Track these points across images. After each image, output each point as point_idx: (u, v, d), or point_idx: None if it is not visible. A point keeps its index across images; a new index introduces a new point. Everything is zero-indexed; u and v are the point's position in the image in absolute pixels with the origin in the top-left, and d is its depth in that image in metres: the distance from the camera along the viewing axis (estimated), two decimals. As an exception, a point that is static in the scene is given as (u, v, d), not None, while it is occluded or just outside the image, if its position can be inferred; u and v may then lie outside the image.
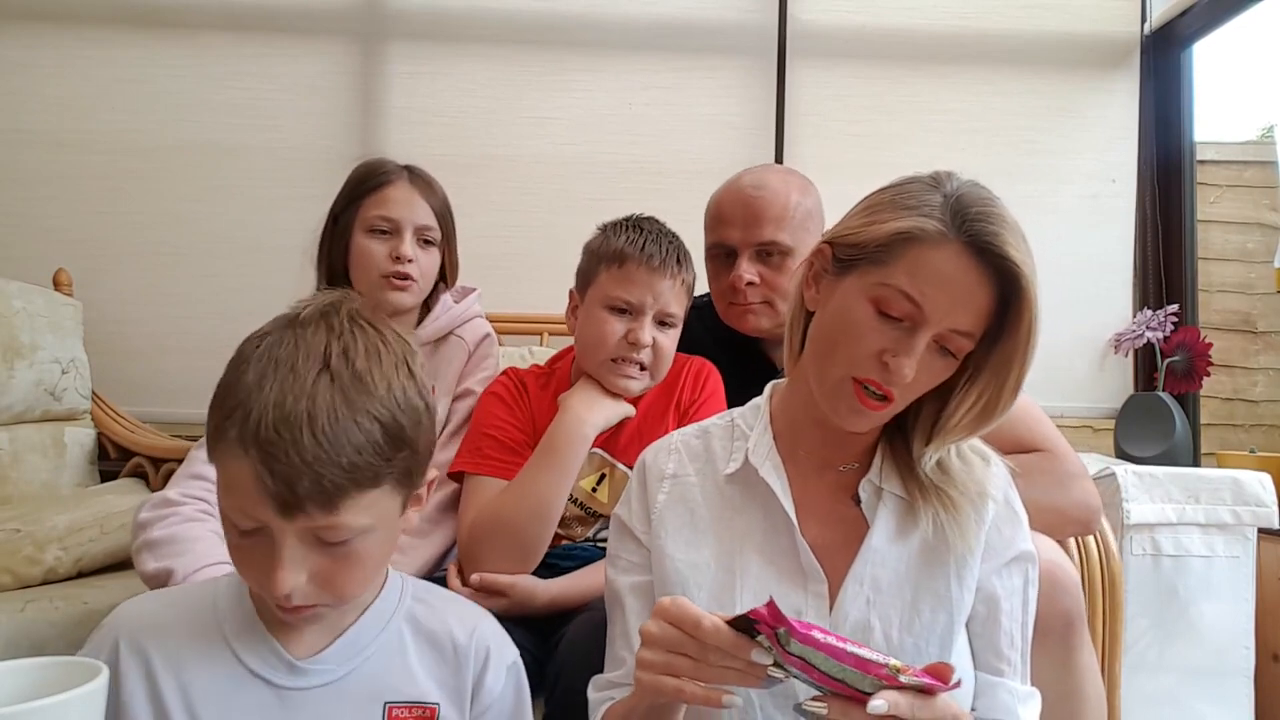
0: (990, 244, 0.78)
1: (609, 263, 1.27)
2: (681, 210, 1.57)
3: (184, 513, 1.24)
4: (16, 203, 2.20)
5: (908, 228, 0.80)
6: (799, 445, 0.92)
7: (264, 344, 0.74)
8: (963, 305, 0.80)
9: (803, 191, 1.42)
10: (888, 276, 0.81)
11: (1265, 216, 2.93)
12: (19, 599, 1.39)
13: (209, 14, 2.26)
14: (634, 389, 1.29)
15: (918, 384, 0.83)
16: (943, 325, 0.80)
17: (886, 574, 0.85)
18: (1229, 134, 3.34)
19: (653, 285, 1.25)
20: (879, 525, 0.87)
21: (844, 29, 2.36)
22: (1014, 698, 0.85)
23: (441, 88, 2.30)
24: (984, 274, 0.79)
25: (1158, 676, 1.85)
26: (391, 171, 1.42)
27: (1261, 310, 2.91)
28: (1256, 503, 1.86)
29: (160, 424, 2.10)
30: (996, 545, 0.87)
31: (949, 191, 0.82)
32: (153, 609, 0.82)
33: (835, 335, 0.84)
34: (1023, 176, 2.35)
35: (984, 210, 0.80)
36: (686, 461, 0.95)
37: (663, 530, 0.91)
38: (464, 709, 0.83)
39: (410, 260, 1.38)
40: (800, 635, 0.64)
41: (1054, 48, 2.38)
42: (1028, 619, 0.89)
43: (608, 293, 1.27)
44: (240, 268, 2.22)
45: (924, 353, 0.81)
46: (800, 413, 0.92)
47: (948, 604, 0.84)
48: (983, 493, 0.88)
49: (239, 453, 0.69)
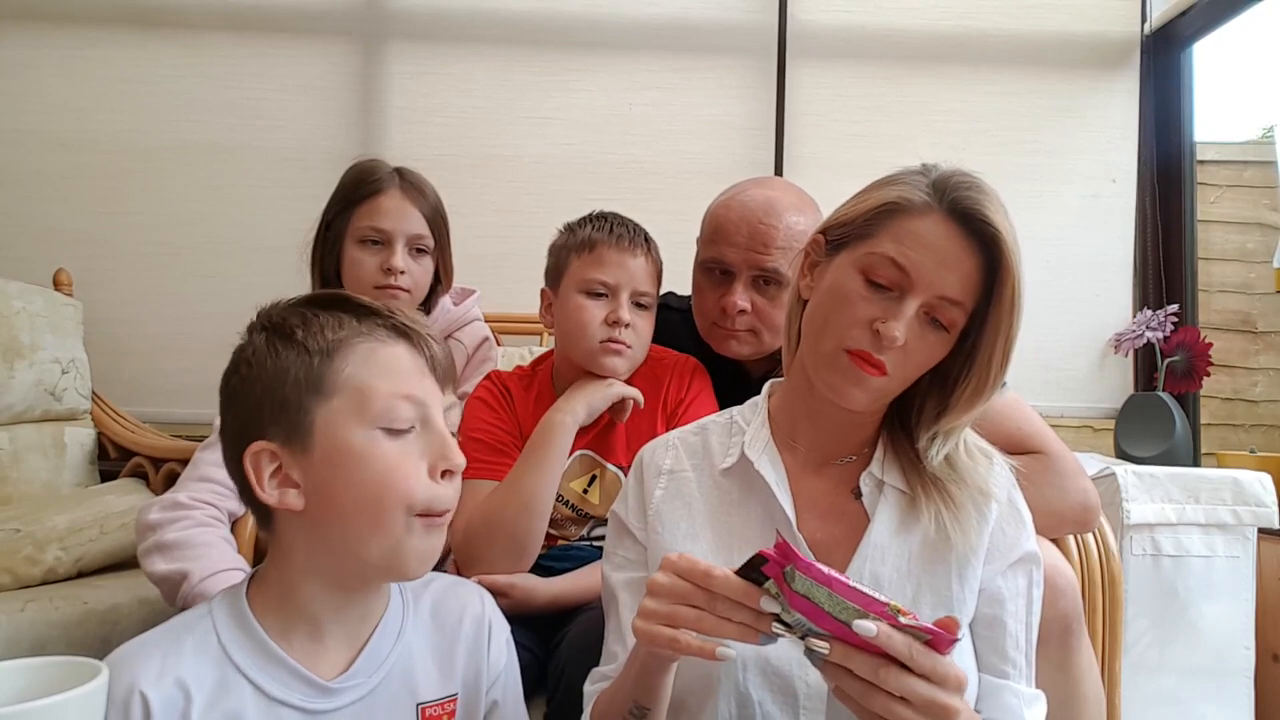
0: (972, 210, 0.81)
1: (579, 250, 1.30)
2: (681, 210, 1.57)
3: (196, 517, 1.24)
4: (16, 203, 2.21)
5: (893, 198, 0.84)
6: (797, 439, 0.92)
7: None
8: (948, 270, 0.81)
9: (812, 221, 1.34)
10: (874, 246, 0.83)
11: (1265, 216, 2.93)
12: (19, 599, 1.39)
13: (209, 14, 2.26)
14: (622, 368, 1.29)
15: (912, 359, 0.83)
16: (930, 292, 0.82)
17: (887, 569, 0.85)
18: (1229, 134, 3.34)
19: (625, 264, 1.28)
20: (879, 519, 0.87)
21: (844, 29, 2.36)
22: (1020, 700, 0.85)
23: (441, 88, 2.30)
24: (968, 241, 0.82)
25: (1158, 676, 1.85)
26: (383, 179, 1.41)
27: (1261, 310, 2.91)
28: (1256, 503, 1.86)
29: (160, 424, 2.10)
30: (1001, 546, 0.87)
31: (933, 169, 0.86)
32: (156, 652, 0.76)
33: (827, 310, 0.86)
34: (1023, 176, 2.35)
35: (965, 180, 0.83)
36: (684, 457, 0.95)
37: (660, 525, 0.91)
38: (480, 688, 0.84)
39: (402, 272, 1.38)
40: (804, 567, 0.64)
41: (1054, 48, 2.38)
42: (1033, 620, 0.88)
43: (583, 277, 1.28)
44: (240, 268, 2.22)
45: (915, 324, 0.82)
46: (798, 405, 0.92)
47: (948, 603, 0.84)
48: (985, 491, 0.87)
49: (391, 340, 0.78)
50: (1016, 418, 1.18)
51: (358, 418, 0.74)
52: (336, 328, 0.76)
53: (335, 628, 0.79)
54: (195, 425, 2.11)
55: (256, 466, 0.74)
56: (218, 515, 1.27)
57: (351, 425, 0.74)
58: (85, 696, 0.68)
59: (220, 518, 1.27)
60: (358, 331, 0.76)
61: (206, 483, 1.29)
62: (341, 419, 0.74)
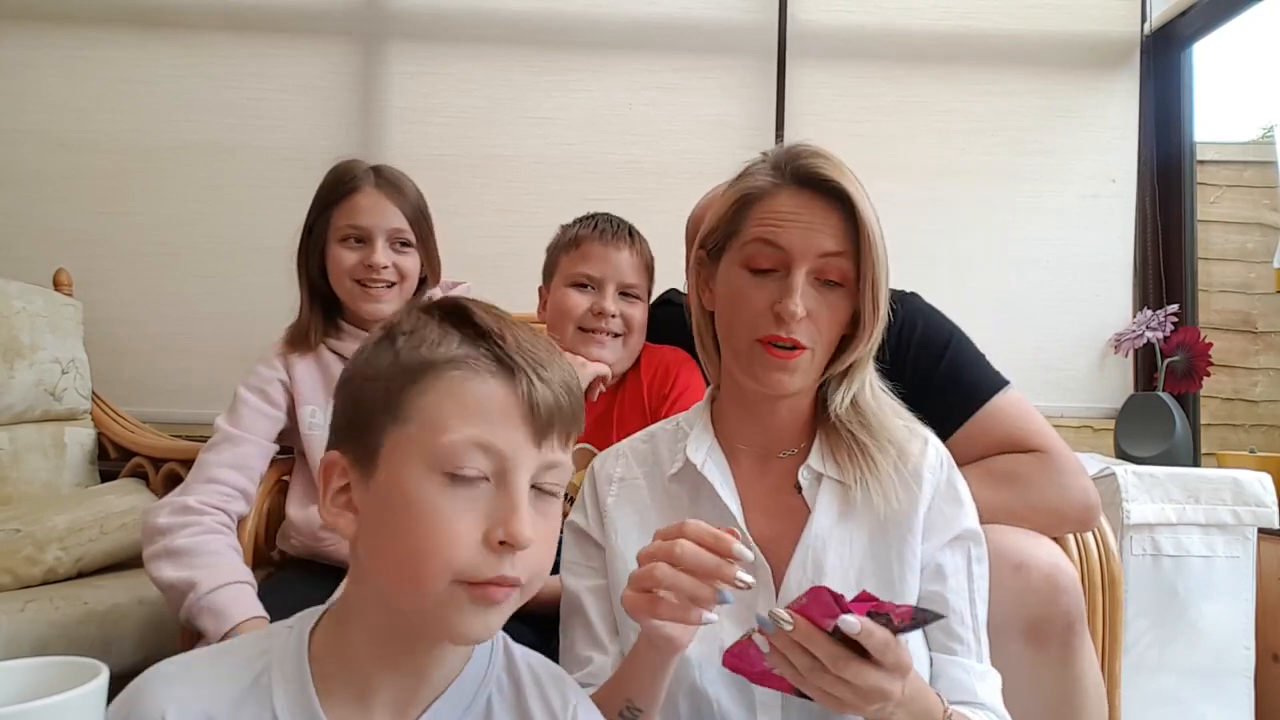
0: (815, 172, 0.87)
1: (567, 248, 1.39)
2: (681, 210, 1.57)
3: (205, 523, 1.24)
4: (16, 203, 2.20)
5: (744, 189, 0.90)
6: (738, 439, 0.95)
7: None
8: (817, 231, 0.86)
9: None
10: (745, 237, 0.89)
11: (1265, 216, 2.93)
12: (19, 599, 1.39)
13: (209, 14, 2.26)
14: (607, 357, 1.34)
15: (822, 325, 0.87)
16: (810, 255, 0.86)
17: (830, 558, 0.87)
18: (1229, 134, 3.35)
19: (609, 257, 1.35)
20: (819, 511, 0.89)
21: (844, 29, 2.36)
22: (970, 675, 0.86)
23: (441, 88, 2.30)
24: (823, 200, 0.87)
25: (1158, 676, 1.85)
26: (358, 177, 1.41)
27: (1261, 310, 2.91)
28: (1256, 503, 1.86)
29: (160, 424, 2.09)
30: (938, 524, 0.89)
31: (769, 154, 0.92)
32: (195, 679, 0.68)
33: (729, 311, 0.90)
34: (1023, 176, 2.35)
35: (800, 150, 0.89)
36: (634, 465, 0.97)
37: (613, 531, 0.93)
38: None
39: (385, 267, 1.38)
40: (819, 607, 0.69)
41: (1054, 48, 2.38)
42: (976, 597, 0.89)
43: (570, 272, 1.37)
44: (240, 268, 2.22)
45: (811, 292, 0.86)
46: (731, 405, 0.95)
47: (890, 584, 0.86)
48: (903, 452, 0.90)
49: (489, 371, 0.64)
50: (1017, 416, 1.19)
51: (423, 454, 0.63)
52: (435, 344, 0.65)
53: (385, 692, 0.67)
54: (195, 425, 2.11)
55: (326, 478, 0.67)
56: (226, 522, 1.27)
57: (415, 460, 0.63)
58: (85, 696, 0.68)
59: (229, 524, 1.27)
60: (455, 354, 0.65)
61: (214, 484, 1.29)
62: (407, 451, 0.63)
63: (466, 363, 0.65)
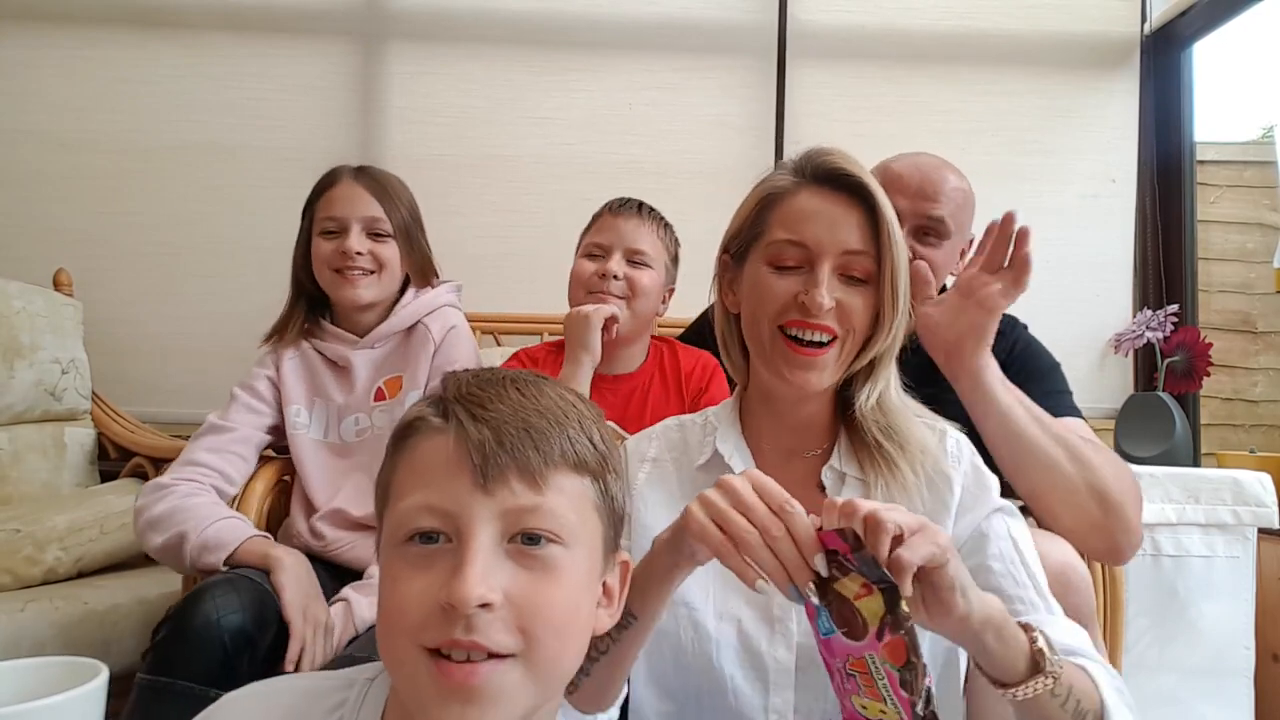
0: (835, 170, 0.88)
1: (588, 227, 1.49)
2: (681, 210, 1.57)
3: (180, 490, 1.29)
4: (16, 203, 2.20)
5: (766, 191, 0.92)
6: (763, 438, 0.95)
7: None
8: (839, 228, 0.87)
9: (968, 190, 1.43)
10: (769, 237, 0.90)
11: (1265, 216, 2.93)
12: (19, 599, 1.40)
13: (209, 14, 2.26)
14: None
15: (849, 318, 0.87)
16: (834, 252, 0.87)
17: None
18: (1229, 134, 3.35)
19: (618, 227, 1.43)
20: None
21: (844, 29, 2.36)
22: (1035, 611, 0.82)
23: (441, 88, 2.30)
24: (844, 197, 0.88)
25: (1158, 676, 1.85)
26: (337, 172, 1.46)
27: (1261, 310, 2.91)
28: (1256, 503, 1.86)
29: (160, 424, 2.10)
30: (968, 503, 0.88)
31: (792, 157, 0.94)
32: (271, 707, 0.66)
33: (754, 307, 0.91)
34: (1023, 176, 2.35)
35: (819, 150, 0.91)
36: (665, 449, 0.98)
37: (642, 504, 0.94)
38: None
39: (359, 253, 1.40)
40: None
41: (1054, 48, 2.38)
42: (1026, 557, 0.86)
43: (586, 244, 1.46)
44: (240, 268, 2.22)
45: (836, 285, 0.87)
46: (757, 404, 0.96)
47: None
48: (926, 451, 0.89)
49: (434, 428, 0.60)
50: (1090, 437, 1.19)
51: (389, 527, 0.61)
52: (420, 408, 0.63)
53: None
54: (195, 425, 2.08)
55: (378, 542, 0.65)
56: (200, 488, 1.31)
57: (386, 536, 0.61)
58: (85, 696, 0.68)
59: (203, 489, 1.31)
60: (410, 418, 0.62)
61: (190, 466, 1.33)
62: (384, 529, 0.62)
63: (417, 424, 0.62)
